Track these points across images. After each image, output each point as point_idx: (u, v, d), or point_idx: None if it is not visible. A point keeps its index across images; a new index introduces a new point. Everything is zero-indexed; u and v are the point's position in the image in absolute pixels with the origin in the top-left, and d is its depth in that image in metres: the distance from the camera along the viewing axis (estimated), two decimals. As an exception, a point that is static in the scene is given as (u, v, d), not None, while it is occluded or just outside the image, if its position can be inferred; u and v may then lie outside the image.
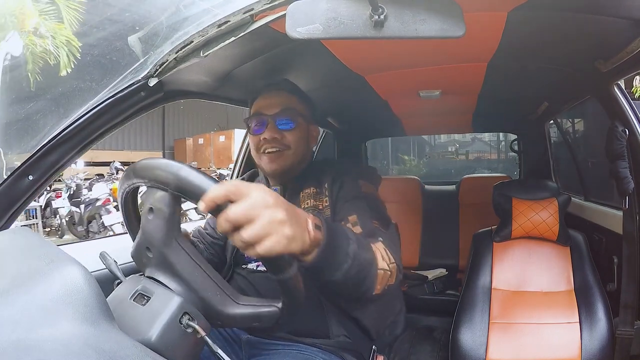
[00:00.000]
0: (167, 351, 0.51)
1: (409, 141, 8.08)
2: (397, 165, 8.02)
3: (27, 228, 0.56)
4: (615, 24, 0.81)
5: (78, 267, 0.46)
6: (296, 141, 0.96)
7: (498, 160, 8.30)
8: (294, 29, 0.54)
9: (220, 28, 0.68)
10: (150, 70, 0.79)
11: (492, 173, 5.60)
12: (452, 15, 0.53)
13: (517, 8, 0.78)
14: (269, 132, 0.94)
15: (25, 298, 0.42)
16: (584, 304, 1.29)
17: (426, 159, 8.49)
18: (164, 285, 0.58)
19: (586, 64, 1.07)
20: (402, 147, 8.22)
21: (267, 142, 0.94)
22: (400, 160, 8.18)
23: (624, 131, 1.10)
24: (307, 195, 0.96)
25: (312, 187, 0.97)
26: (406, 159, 8.15)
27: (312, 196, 0.96)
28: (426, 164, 8.20)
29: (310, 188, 0.97)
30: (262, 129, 0.95)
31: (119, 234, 0.90)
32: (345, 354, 0.91)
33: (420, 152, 8.70)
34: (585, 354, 1.21)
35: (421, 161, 8.35)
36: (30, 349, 0.36)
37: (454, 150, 7.93)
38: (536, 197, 1.46)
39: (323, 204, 0.94)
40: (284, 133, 0.95)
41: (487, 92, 1.49)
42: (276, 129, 0.95)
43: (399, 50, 1.05)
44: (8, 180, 0.77)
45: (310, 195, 0.96)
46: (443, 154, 8.11)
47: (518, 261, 1.44)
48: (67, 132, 0.78)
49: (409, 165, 7.93)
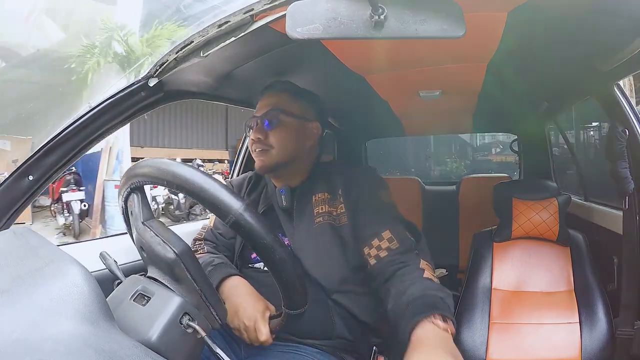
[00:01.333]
0: (167, 351, 0.51)
1: (451, 142, 7.99)
2: (439, 167, 7.93)
3: (28, 228, 0.55)
4: (615, 24, 0.81)
5: (78, 267, 0.46)
6: (279, 140, 0.95)
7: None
8: (294, 29, 0.54)
9: (221, 28, 0.68)
10: (151, 70, 0.79)
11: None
12: (452, 16, 0.53)
13: (517, 8, 0.78)
14: (254, 133, 0.96)
15: (25, 298, 0.42)
16: (584, 304, 1.29)
17: (469, 161, 8.32)
18: (164, 285, 0.58)
19: (586, 64, 1.07)
20: (443, 148, 8.13)
21: (254, 142, 0.97)
22: (442, 162, 8.09)
23: (623, 131, 1.10)
24: (320, 201, 0.96)
25: (324, 191, 0.97)
26: (448, 161, 8.04)
27: (326, 202, 0.96)
28: (468, 166, 8.02)
29: (323, 193, 0.97)
30: (251, 130, 0.98)
31: (124, 233, 0.90)
32: (346, 355, 0.91)
33: (462, 154, 8.51)
34: (585, 354, 1.21)
35: (463, 163, 8.17)
36: (30, 349, 0.36)
37: (499, 151, 7.74)
38: (536, 197, 1.45)
39: (338, 210, 0.94)
40: (267, 133, 0.96)
41: (487, 92, 1.49)
42: (261, 129, 0.96)
43: (399, 50, 1.04)
44: (8, 180, 0.77)
45: (324, 200, 0.96)
46: (486, 155, 8.00)
47: (518, 261, 1.44)
48: (67, 132, 0.78)
49: (451, 167, 7.80)
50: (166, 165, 0.59)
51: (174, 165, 0.59)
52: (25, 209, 0.80)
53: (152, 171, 0.60)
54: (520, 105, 1.80)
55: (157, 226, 0.60)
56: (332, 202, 0.95)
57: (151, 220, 0.61)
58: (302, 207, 0.97)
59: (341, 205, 0.94)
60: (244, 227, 0.57)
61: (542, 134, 2.10)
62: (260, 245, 0.59)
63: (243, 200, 0.58)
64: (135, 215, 0.62)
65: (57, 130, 0.79)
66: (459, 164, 7.92)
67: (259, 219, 0.59)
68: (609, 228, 1.42)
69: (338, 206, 0.95)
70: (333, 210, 0.95)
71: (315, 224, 0.94)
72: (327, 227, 0.93)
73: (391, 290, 0.80)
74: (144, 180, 0.62)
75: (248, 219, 0.57)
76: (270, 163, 0.96)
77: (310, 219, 0.95)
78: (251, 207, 0.59)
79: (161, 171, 0.59)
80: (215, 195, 0.56)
